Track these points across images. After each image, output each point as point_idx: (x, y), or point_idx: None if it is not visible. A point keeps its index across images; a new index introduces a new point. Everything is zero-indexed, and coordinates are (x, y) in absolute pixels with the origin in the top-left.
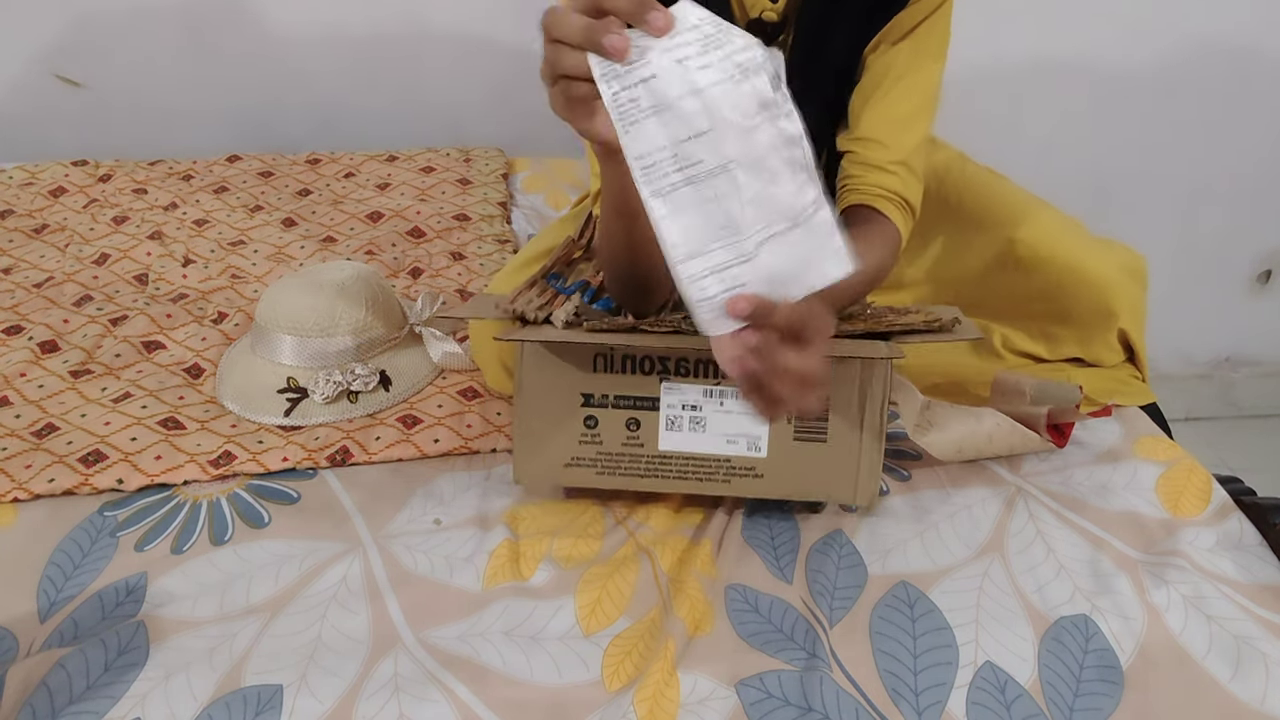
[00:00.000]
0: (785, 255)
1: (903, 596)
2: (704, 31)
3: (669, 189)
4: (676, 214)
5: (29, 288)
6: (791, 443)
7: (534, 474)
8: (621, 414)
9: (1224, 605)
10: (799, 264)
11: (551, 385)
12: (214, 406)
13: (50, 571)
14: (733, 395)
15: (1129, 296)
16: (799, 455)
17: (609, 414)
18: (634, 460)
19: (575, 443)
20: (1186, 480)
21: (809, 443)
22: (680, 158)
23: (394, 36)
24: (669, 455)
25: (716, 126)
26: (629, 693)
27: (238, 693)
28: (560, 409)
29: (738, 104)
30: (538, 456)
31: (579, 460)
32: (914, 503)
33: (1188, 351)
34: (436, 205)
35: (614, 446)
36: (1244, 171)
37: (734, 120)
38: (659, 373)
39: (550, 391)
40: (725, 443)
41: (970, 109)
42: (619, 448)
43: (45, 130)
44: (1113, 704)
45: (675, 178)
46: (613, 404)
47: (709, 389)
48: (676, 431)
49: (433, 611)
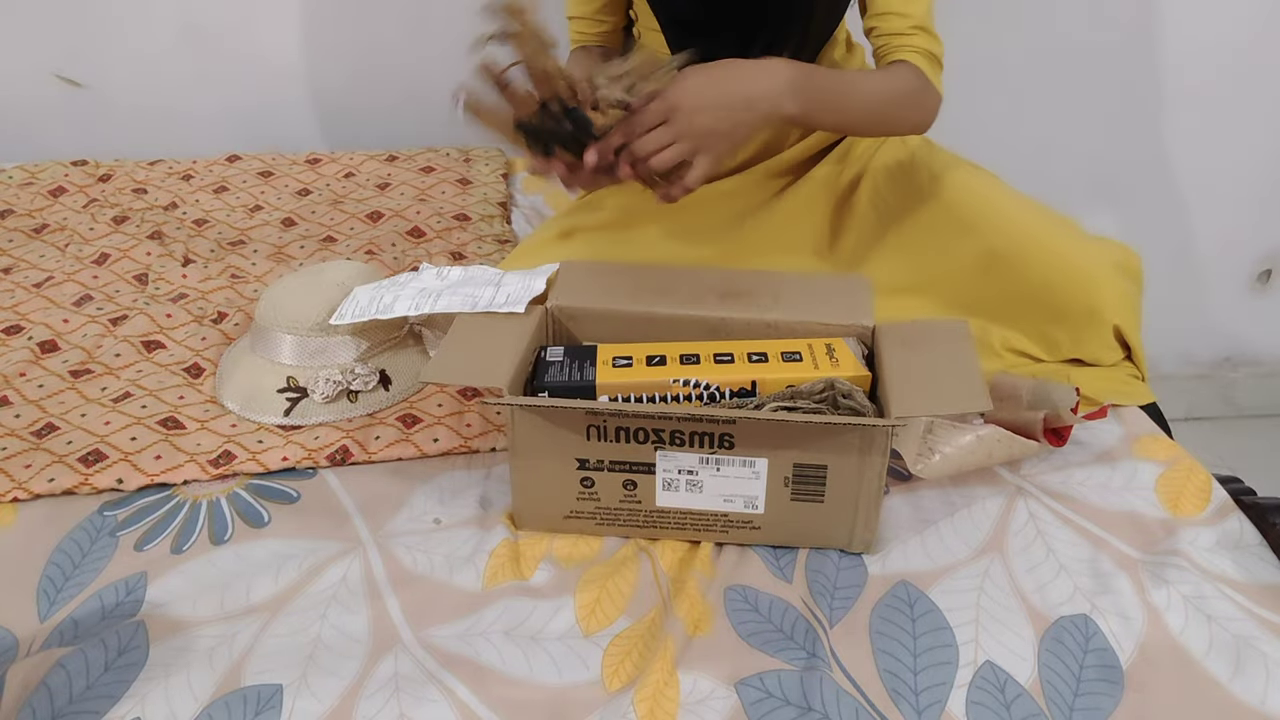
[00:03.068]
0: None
1: (903, 596)
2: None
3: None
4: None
5: (29, 288)
6: (789, 503)
7: (533, 522)
8: (618, 476)
9: (1224, 605)
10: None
11: (546, 449)
12: (214, 406)
13: (50, 571)
14: (729, 462)
15: (1120, 293)
16: (796, 512)
17: (605, 476)
18: (632, 514)
19: (573, 499)
20: (1186, 480)
21: (806, 503)
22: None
23: (394, 36)
24: (666, 510)
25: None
26: (629, 692)
27: (238, 692)
28: (556, 470)
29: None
30: (537, 508)
31: (577, 514)
32: (914, 503)
33: (1188, 351)
34: (436, 205)
35: (611, 502)
36: (1244, 172)
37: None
38: (653, 443)
39: (545, 454)
40: (722, 501)
41: (970, 109)
42: (616, 503)
43: (45, 130)
44: (1113, 704)
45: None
46: (608, 468)
47: (704, 457)
48: (673, 492)
49: (433, 611)
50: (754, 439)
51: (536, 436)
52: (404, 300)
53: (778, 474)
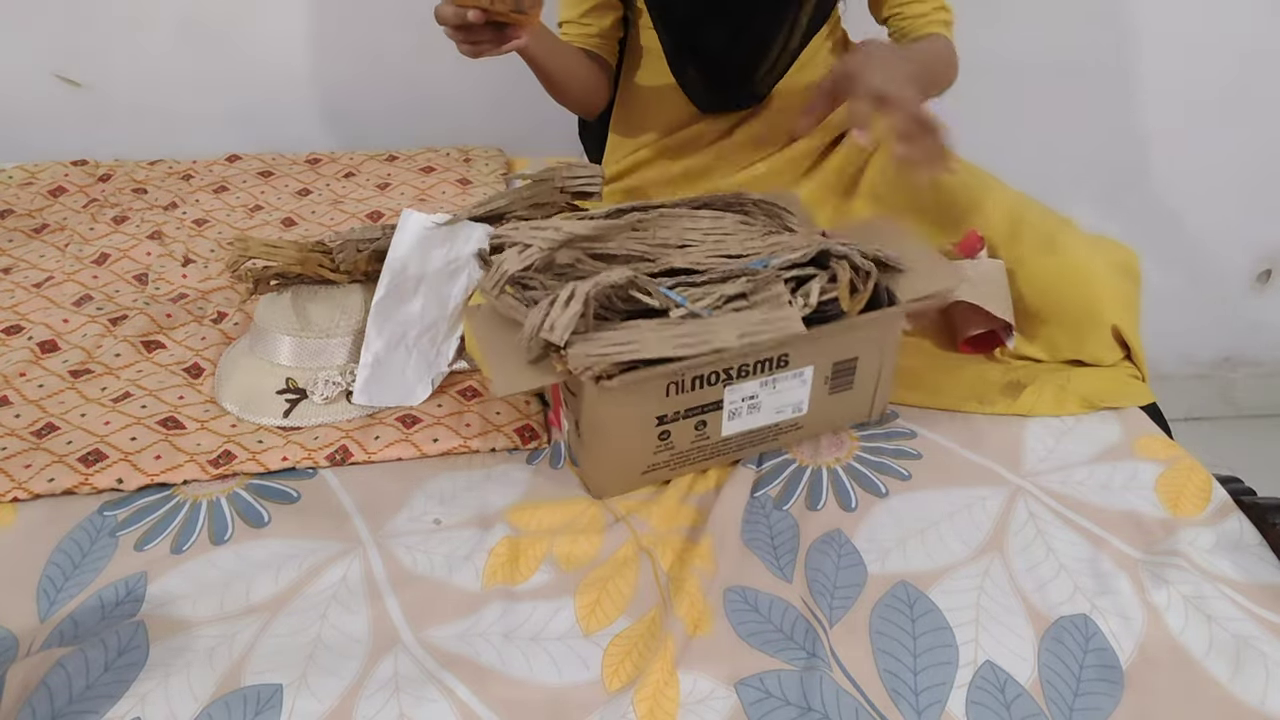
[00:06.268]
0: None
1: (902, 596)
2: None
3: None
4: None
5: (29, 287)
6: (827, 397)
7: (612, 488)
8: (690, 421)
9: (1224, 605)
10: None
11: (627, 416)
12: (214, 406)
13: (50, 571)
14: (784, 378)
15: (1119, 292)
16: (831, 404)
17: (680, 424)
18: (700, 450)
19: (650, 454)
20: (1186, 480)
21: (840, 394)
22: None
23: (394, 36)
24: (729, 438)
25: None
26: (629, 692)
27: (238, 692)
28: (636, 433)
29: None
30: (616, 473)
31: (654, 466)
32: (914, 502)
33: (1188, 351)
34: (436, 205)
35: (684, 446)
36: (1244, 172)
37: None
38: (723, 381)
39: (625, 421)
40: (775, 414)
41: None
42: (688, 446)
43: (45, 130)
44: (1113, 704)
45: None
46: (683, 416)
47: (765, 380)
48: (736, 419)
49: (432, 611)
50: (804, 353)
51: (616, 403)
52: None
53: (820, 376)
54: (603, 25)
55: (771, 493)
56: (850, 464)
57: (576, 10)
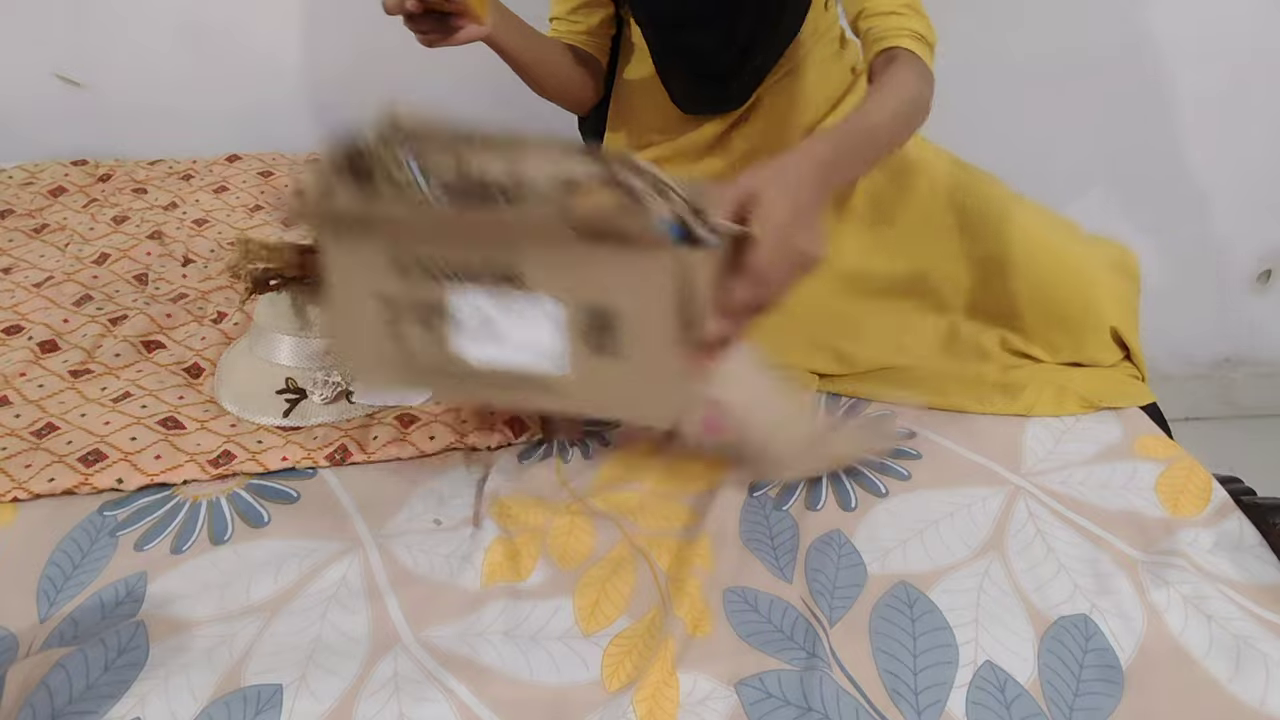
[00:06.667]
0: None
1: (902, 596)
2: None
3: None
4: None
5: (29, 287)
6: (591, 359)
7: (362, 372)
8: (419, 320)
9: (1224, 605)
10: None
11: (351, 280)
12: (214, 406)
13: (50, 571)
14: (519, 300)
15: (1118, 293)
16: (601, 372)
17: (408, 320)
18: (446, 368)
19: (385, 340)
20: (1186, 480)
21: (609, 359)
22: None
23: (394, 36)
24: (480, 370)
25: None
26: (628, 692)
27: (238, 692)
28: (362, 303)
29: None
30: (355, 352)
31: (397, 366)
32: (914, 502)
33: (1188, 351)
34: None
35: (422, 352)
36: (1244, 172)
37: None
38: (448, 278)
39: (349, 286)
40: (526, 356)
41: (970, 109)
42: (429, 356)
43: (45, 130)
44: (1113, 704)
45: None
46: (411, 310)
47: (495, 294)
48: (472, 339)
49: (432, 611)
50: (541, 274)
51: (341, 258)
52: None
53: (575, 325)
54: (591, 22)
55: (770, 493)
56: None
57: (565, 7)
